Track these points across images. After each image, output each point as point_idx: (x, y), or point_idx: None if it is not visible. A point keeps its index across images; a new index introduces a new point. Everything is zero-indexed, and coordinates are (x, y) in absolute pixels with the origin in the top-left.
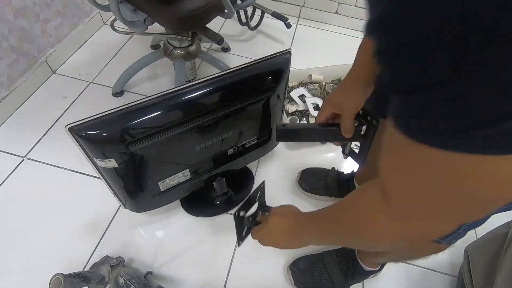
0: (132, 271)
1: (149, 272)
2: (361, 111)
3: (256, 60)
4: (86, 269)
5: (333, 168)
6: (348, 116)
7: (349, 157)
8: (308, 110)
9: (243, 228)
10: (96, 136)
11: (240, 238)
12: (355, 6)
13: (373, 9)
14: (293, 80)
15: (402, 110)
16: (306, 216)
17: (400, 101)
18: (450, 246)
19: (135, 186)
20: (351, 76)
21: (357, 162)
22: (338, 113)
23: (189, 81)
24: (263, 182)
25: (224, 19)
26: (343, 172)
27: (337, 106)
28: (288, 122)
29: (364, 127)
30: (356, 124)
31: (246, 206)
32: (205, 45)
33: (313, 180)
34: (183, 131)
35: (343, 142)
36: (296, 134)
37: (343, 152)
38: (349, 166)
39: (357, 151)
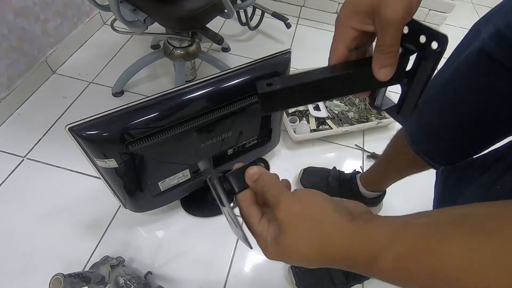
0: (132, 271)
1: (149, 272)
2: (407, 27)
3: (256, 60)
4: (86, 269)
5: (334, 167)
6: (392, 25)
7: (385, 111)
8: (308, 110)
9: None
10: (96, 136)
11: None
12: None
13: None
14: None
15: None
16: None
17: None
18: None
19: (135, 186)
20: None
21: (398, 119)
22: (367, 29)
23: (189, 81)
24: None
25: (224, 19)
26: (344, 171)
27: (369, 10)
28: (287, 120)
29: (411, 57)
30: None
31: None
32: (205, 45)
33: (314, 178)
34: (183, 131)
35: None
36: (295, 94)
37: (372, 105)
38: (350, 166)
39: (395, 100)
